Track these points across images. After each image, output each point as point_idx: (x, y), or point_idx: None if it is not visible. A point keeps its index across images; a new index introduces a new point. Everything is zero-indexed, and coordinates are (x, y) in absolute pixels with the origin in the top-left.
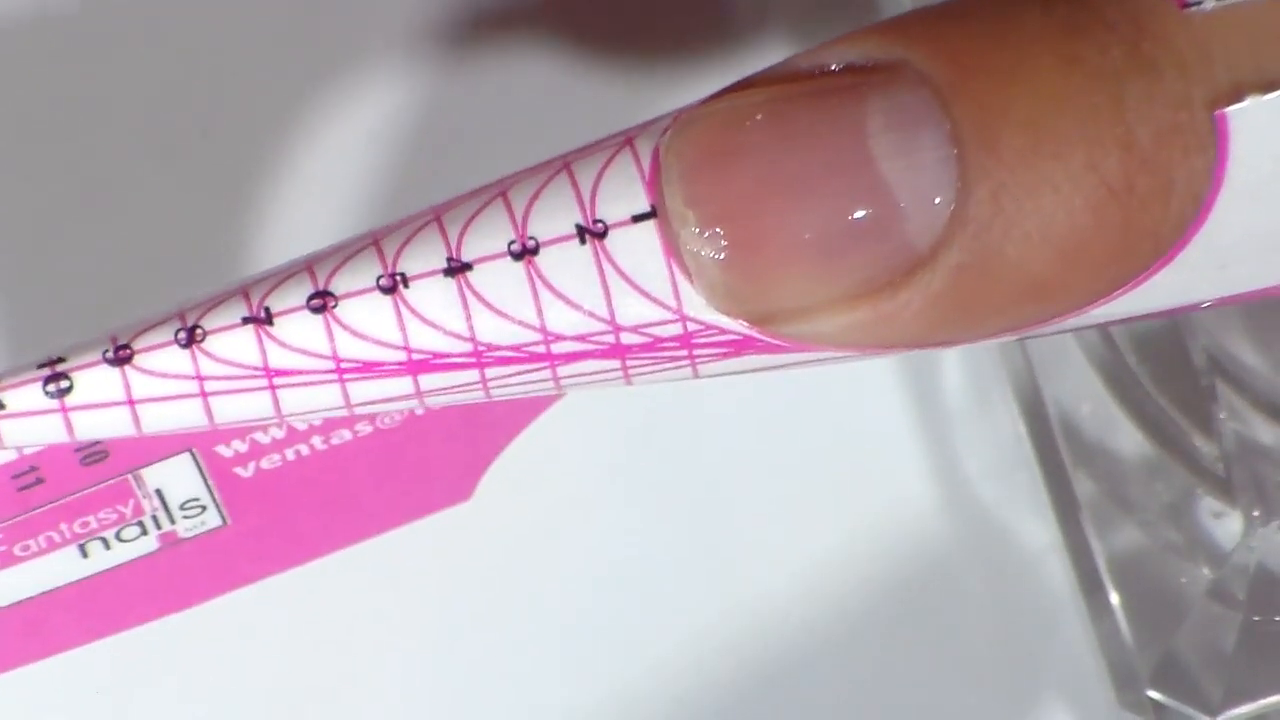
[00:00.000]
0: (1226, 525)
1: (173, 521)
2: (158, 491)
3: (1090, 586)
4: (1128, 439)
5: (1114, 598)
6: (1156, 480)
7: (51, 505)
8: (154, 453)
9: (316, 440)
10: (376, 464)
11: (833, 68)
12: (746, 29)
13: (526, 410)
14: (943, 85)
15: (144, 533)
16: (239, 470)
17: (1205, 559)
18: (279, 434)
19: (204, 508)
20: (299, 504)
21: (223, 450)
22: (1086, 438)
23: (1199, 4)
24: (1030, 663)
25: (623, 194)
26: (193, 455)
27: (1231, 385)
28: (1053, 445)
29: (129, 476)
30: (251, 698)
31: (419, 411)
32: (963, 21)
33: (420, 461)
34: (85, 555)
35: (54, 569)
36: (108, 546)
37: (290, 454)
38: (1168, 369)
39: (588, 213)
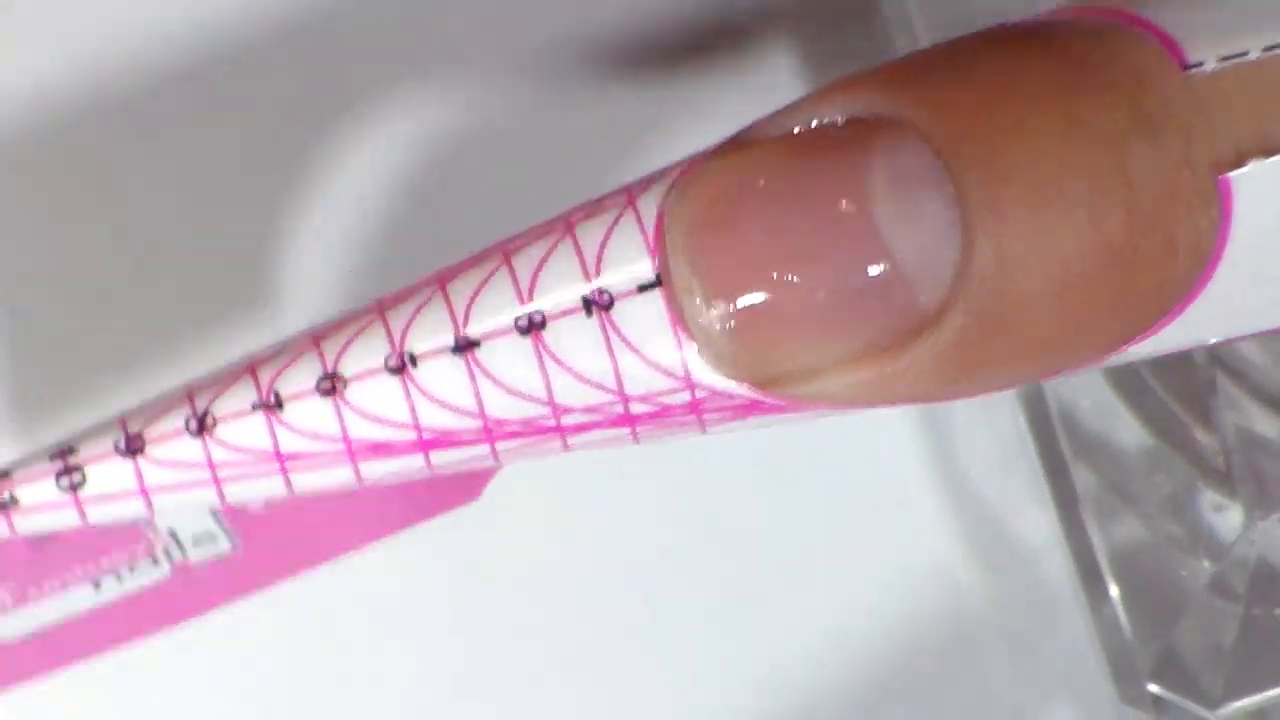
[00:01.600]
0: (1227, 518)
1: (185, 553)
2: (170, 531)
3: (1090, 579)
4: (1128, 431)
5: (1114, 590)
6: (1157, 473)
7: (65, 551)
8: None
9: None
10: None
11: (832, 122)
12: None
13: None
14: (945, 145)
15: (155, 563)
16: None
17: (1206, 552)
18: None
19: (214, 537)
20: (307, 516)
21: None
22: (1087, 430)
23: (1200, 65)
24: (1030, 656)
25: (627, 262)
26: None
27: (1232, 378)
28: (1053, 437)
29: (140, 523)
30: (262, 701)
31: None
32: (965, 77)
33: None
34: (98, 588)
35: (69, 602)
36: (120, 580)
37: None
38: (1168, 362)
39: (594, 283)
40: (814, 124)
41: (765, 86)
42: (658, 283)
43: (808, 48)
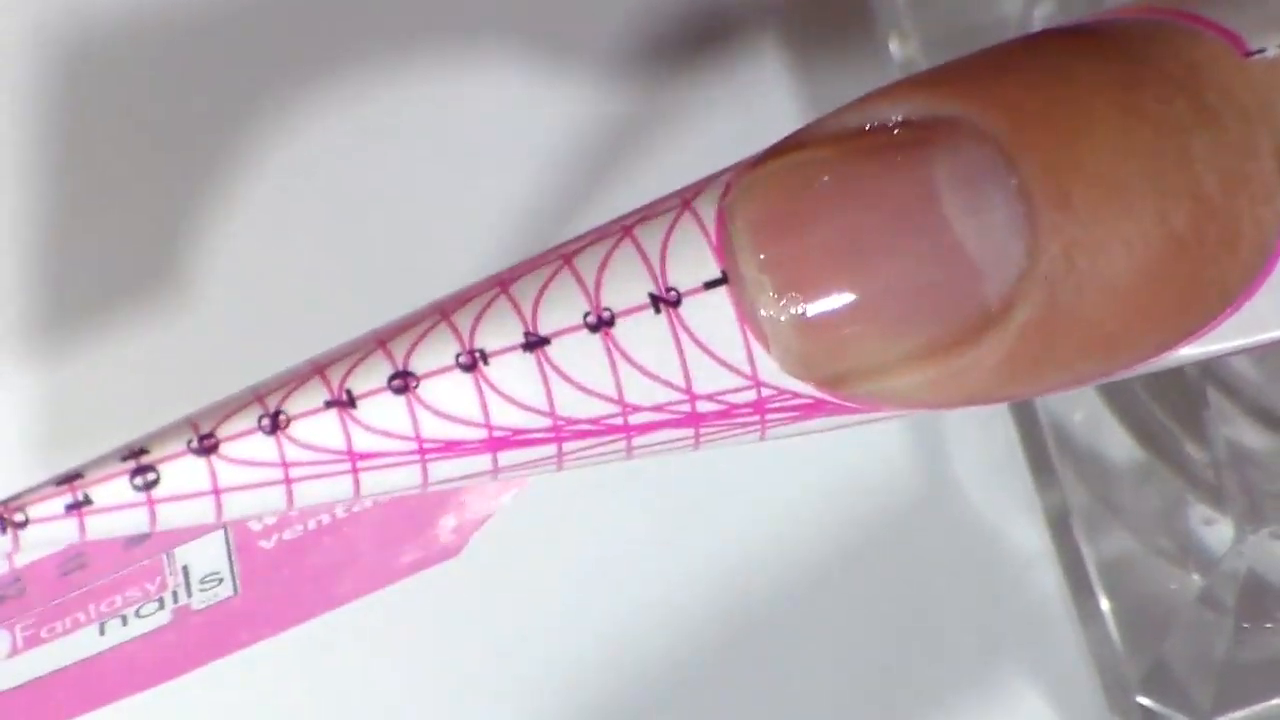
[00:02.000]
0: (1217, 531)
1: (189, 595)
2: (184, 568)
3: (1080, 592)
4: (1119, 445)
5: (1104, 603)
6: (1147, 486)
7: (88, 589)
8: (194, 530)
9: (339, 509)
10: (378, 527)
11: (891, 122)
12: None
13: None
14: (1006, 141)
15: (161, 607)
16: (263, 543)
17: (1196, 565)
18: None
19: (221, 580)
20: (302, 570)
21: (253, 524)
22: (1078, 443)
23: (1261, 52)
24: (1020, 668)
25: (691, 260)
26: (225, 530)
27: (1222, 391)
28: (1044, 450)
29: (163, 555)
30: None
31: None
32: (1017, 75)
33: (417, 520)
34: (103, 633)
35: (72, 648)
36: (125, 623)
37: (312, 524)
38: (1160, 375)
39: (660, 282)
40: (869, 126)
41: (758, 90)
42: (724, 280)
43: (802, 53)
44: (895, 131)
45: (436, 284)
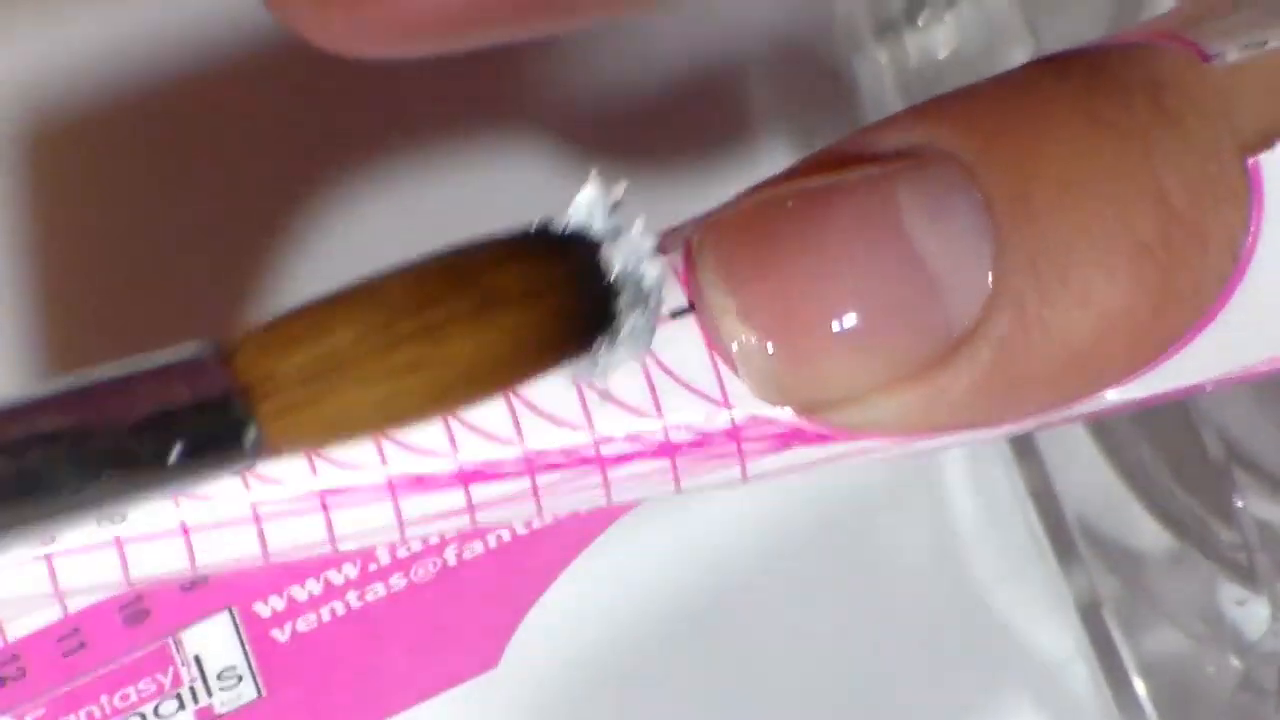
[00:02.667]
0: (1251, 611)
1: (210, 694)
2: (196, 659)
3: (1117, 680)
4: (1146, 531)
5: (1141, 689)
6: (1178, 570)
7: (94, 675)
8: (194, 610)
9: (352, 596)
10: (408, 629)
11: (861, 157)
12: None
13: (556, 560)
14: (969, 158)
15: (181, 707)
16: (276, 633)
17: (1231, 647)
18: (316, 589)
19: (240, 678)
20: (332, 675)
21: (261, 609)
22: (1104, 532)
23: (1220, 55)
24: None
25: None
26: (231, 614)
27: (1248, 471)
28: (1070, 541)
29: (169, 640)
30: None
31: (451, 557)
32: (981, 98)
33: (450, 625)
34: None
35: None
36: None
37: (326, 614)
38: (1182, 458)
39: None
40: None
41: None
42: (690, 309)
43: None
44: (862, 163)
45: None
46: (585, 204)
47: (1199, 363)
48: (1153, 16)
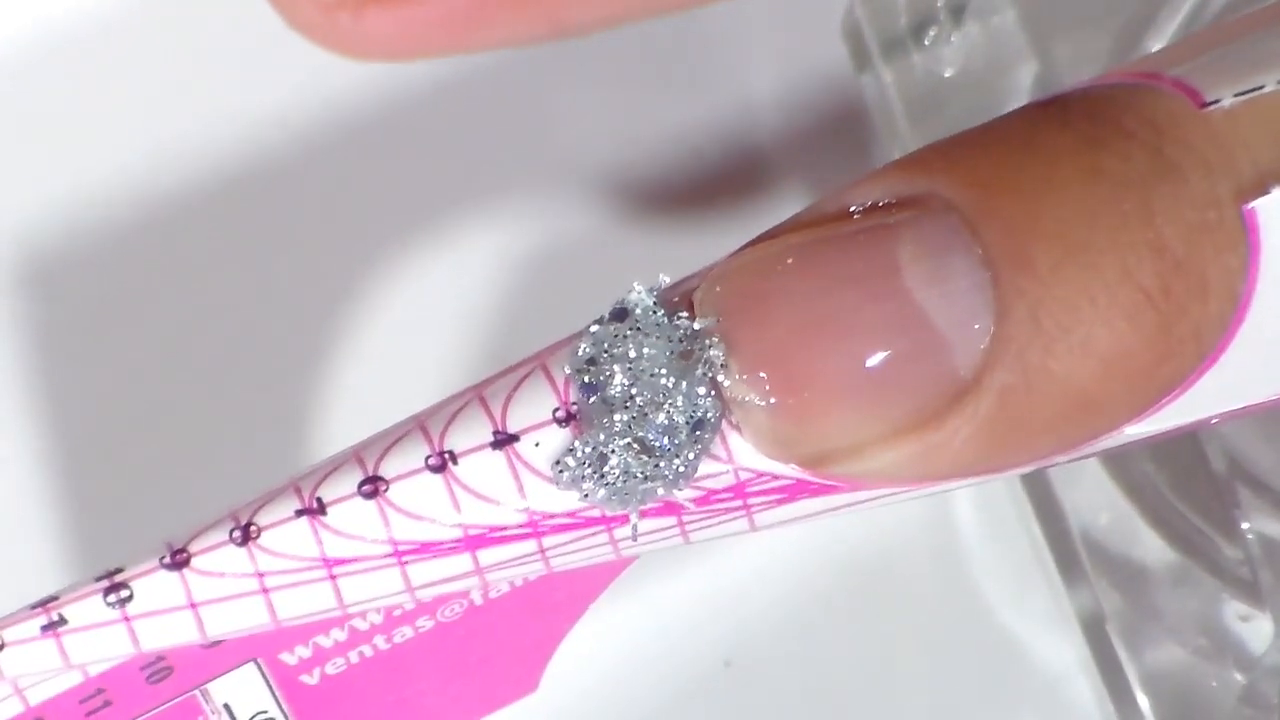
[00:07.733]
0: (1255, 627)
1: None
2: (226, 706)
3: (1121, 696)
4: (1150, 547)
5: (1144, 704)
6: (1182, 586)
7: None
8: (218, 665)
9: (379, 640)
10: (441, 661)
11: (857, 208)
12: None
13: (586, 591)
14: (969, 209)
15: None
16: (305, 678)
17: (1235, 662)
18: (341, 636)
19: None
20: (368, 709)
21: (287, 658)
22: (1108, 548)
23: (1217, 102)
24: None
25: None
26: (258, 665)
27: (1251, 488)
28: (1075, 556)
29: (196, 693)
30: None
31: (477, 598)
32: (980, 147)
33: (484, 654)
34: None
35: None
36: None
37: (354, 656)
38: (1187, 474)
39: None
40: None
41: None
42: None
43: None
44: (860, 213)
45: None
46: None
47: (1202, 403)
48: (1156, 47)
